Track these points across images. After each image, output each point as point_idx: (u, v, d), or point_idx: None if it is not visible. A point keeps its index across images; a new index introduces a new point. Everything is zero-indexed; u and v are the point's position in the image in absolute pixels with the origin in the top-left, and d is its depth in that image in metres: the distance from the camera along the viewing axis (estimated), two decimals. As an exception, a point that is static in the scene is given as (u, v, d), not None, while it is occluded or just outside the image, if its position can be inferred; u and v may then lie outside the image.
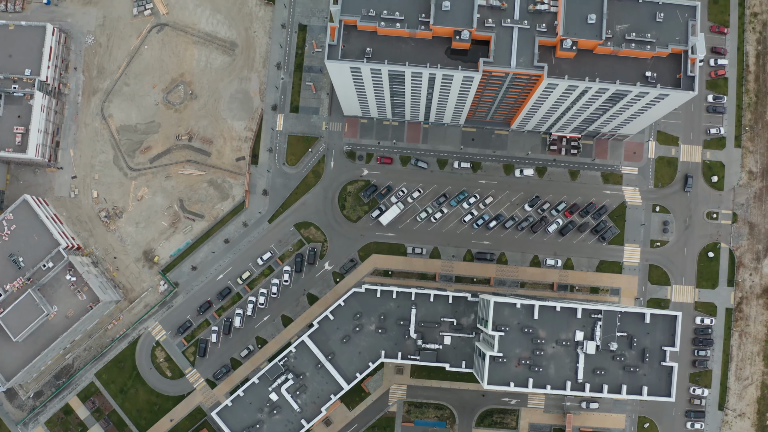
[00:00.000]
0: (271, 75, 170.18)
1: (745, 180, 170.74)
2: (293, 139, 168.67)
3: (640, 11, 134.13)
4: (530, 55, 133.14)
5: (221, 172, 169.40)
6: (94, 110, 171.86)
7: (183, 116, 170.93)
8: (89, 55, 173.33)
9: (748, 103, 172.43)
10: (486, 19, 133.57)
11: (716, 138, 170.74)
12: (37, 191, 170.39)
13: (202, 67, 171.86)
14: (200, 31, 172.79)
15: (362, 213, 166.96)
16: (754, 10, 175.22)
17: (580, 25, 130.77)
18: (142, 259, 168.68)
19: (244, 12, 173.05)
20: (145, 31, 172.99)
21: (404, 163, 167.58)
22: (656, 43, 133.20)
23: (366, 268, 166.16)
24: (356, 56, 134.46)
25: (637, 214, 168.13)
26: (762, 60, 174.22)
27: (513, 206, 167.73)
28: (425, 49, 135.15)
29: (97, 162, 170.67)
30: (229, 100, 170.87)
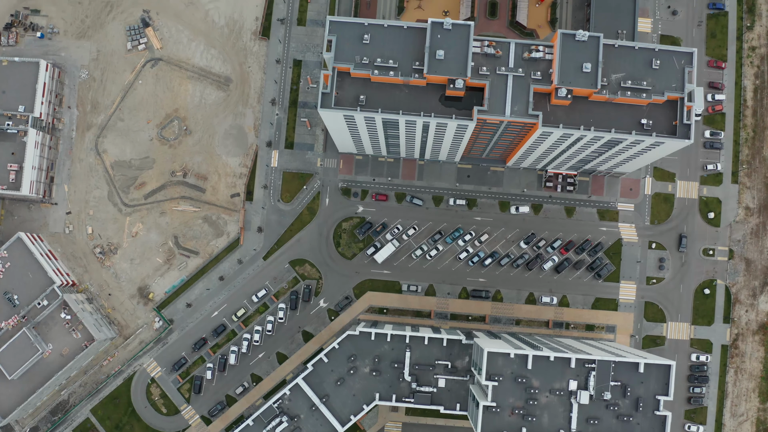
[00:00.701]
0: (266, 111, 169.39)
1: (742, 216, 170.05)
2: (288, 176, 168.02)
3: (635, 58, 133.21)
4: (525, 103, 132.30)
5: (216, 208, 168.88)
6: (88, 145, 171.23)
7: (177, 152, 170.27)
8: (83, 90, 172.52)
9: (745, 138, 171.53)
10: (480, 66, 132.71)
11: (713, 174, 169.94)
12: (31, 227, 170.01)
13: (196, 102, 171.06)
14: (194, 66, 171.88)
15: (357, 250, 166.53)
16: (752, 44, 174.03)
17: (575, 73, 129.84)
18: (137, 296, 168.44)
19: (239, 47, 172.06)
20: (139, 65, 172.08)
21: (399, 200, 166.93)
22: (652, 91, 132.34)
23: (361, 306, 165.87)
24: (349, 104, 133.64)
25: (633, 251, 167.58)
26: (760, 94, 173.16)
27: (508, 243, 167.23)
28: (419, 96, 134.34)
29: (91, 198, 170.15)
30: (224, 135, 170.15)
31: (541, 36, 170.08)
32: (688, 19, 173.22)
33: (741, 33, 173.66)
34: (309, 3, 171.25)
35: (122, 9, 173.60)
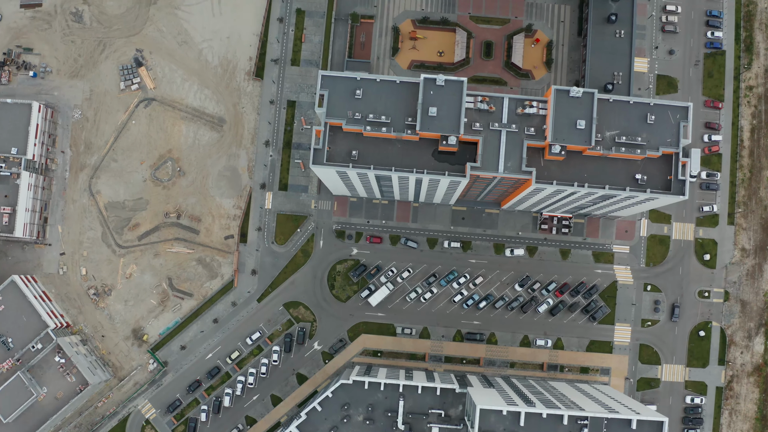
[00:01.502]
0: (260, 152, 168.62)
1: (738, 257, 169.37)
2: (282, 218, 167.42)
3: (630, 113, 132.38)
4: (518, 159, 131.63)
5: (210, 250, 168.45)
6: (81, 186, 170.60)
7: (171, 193, 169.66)
8: (76, 130, 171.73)
9: (742, 179, 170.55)
10: (474, 122, 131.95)
11: (709, 215, 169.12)
12: (25, 267, 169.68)
13: (190, 143, 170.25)
14: (188, 107, 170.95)
15: (351, 293, 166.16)
16: (750, 84, 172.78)
17: (569, 130, 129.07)
18: (132, 337, 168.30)
19: (232, 87, 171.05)
20: (132, 105, 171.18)
21: (394, 243, 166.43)
22: (647, 146, 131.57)
23: (355, 348, 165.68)
24: (342, 159, 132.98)
25: (628, 294, 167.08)
26: (757, 134, 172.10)
27: (503, 286, 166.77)
28: (412, 151, 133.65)
29: (85, 239, 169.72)
30: (218, 177, 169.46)
31: (536, 77, 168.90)
32: (685, 59, 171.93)
33: (738, 72, 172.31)
34: (303, 43, 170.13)
35: (115, 48, 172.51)
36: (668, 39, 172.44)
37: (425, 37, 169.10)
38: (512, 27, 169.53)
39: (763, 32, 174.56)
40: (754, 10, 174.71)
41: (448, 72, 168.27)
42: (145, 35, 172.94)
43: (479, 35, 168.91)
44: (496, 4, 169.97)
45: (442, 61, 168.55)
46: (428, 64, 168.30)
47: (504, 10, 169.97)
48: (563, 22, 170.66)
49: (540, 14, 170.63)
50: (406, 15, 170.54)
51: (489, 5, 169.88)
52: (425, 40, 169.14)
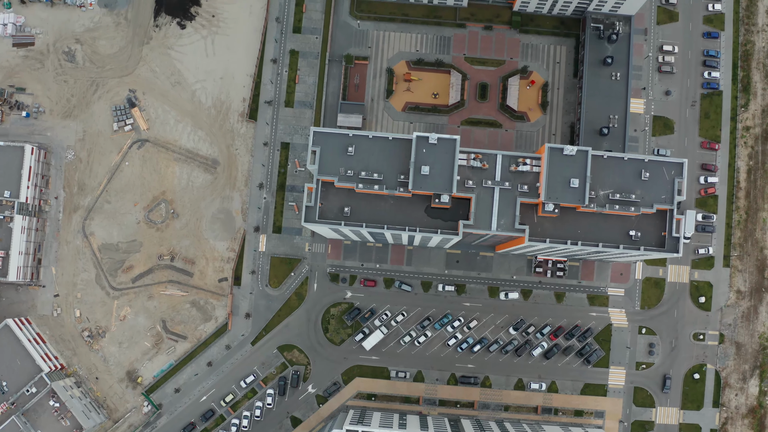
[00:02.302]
0: (254, 195, 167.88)
1: (733, 300, 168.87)
2: (276, 261, 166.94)
3: (624, 169, 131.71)
4: (512, 216, 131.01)
5: (204, 293, 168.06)
6: (75, 228, 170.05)
7: (165, 235, 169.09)
8: (70, 171, 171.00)
9: (738, 221, 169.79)
10: (467, 179, 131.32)
11: (705, 258, 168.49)
12: (19, 309, 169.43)
13: (183, 185, 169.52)
14: (181, 148, 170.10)
15: (346, 336, 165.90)
16: (747, 124, 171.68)
17: (562, 188, 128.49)
18: (126, 380, 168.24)
19: (226, 129, 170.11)
20: (125, 146, 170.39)
21: (388, 286, 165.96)
22: (641, 203, 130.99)
23: (349, 392, 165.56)
24: (334, 215, 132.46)
25: (622, 336, 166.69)
26: (753, 175, 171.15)
27: (497, 329, 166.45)
28: (405, 207, 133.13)
29: (79, 280, 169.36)
30: (211, 219, 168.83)
31: (531, 119, 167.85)
32: (682, 100, 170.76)
33: (735, 113, 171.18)
34: (297, 84, 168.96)
35: (108, 88, 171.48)
36: (665, 79, 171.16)
37: (420, 78, 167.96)
38: (507, 68, 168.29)
39: (760, 72, 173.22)
40: (752, 49, 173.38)
41: (442, 114, 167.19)
42: (138, 75, 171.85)
43: (474, 77, 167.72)
44: (492, 46, 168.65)
45: (437, 103, 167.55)
46: (423, 106, 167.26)
47: (499, 51, 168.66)
48: (559, 63, 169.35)
49: (535, 55, 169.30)
50: (401, 56, 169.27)
51: (484, 46, 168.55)
52: (420, 82, 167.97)
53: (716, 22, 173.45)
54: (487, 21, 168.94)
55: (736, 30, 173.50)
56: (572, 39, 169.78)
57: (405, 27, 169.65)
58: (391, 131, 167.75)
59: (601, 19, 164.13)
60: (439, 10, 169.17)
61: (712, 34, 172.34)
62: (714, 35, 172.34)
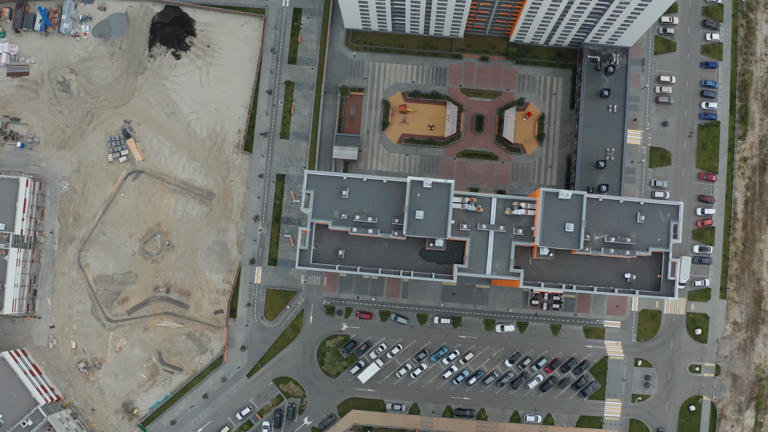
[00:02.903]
0: (249, 226, 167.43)
1: (730, 331, 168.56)
2: (271, 293, 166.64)
3: (620, 213, 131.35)
4: (506, 259, 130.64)
5: (199, 325, 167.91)
6: (70, 259, 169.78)
7: (160, 267, 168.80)
8: (65, 202, 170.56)
9: (735, 252, 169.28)
10: (461, 222, 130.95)
11: (701, 290, 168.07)
12: (15, 340, 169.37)
13: (179, 216, 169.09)
14: (177, 179, 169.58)
15: (341, 368, 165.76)
16: (744, 155, 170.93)
17: (557, 233, 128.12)
18: (122, 411, 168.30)
19: (221, 160, 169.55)
20: (120, 178, 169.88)
21: (384, 318, 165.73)
22: (636, 247, 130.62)
23: (345, 424, 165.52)
24: (328, 258, 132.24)
25: (618, 369, 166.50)
26: (751, 206, 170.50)
27: (493, 362, 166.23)
28: (399, 249, 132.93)
29: (74, 312, 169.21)
30: (207, 251, 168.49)
31: (528, 151, 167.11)
32: (679, 130, 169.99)
33: (733, 144, 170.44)
34: (292, 115, 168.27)
35: (103, 119, 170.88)
36: (662, 110, 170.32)
37: (416, 110, 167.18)
38: (504, 99, 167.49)
39: (758, 102, 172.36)
40: (750, 79, 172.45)
41: (438, 146, 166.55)
42: (133, 106, 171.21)
43: (470, 108, 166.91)
44: (488, 77, 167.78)
45: (433, 135, 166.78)
46: (418, 138, 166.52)
47: (495, 83, 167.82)
48: (555, 94, 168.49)
49: (532, 86, 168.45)
50: (397, 87, 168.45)
51: (480, 77, 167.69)
52: (416, 114, 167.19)
53: (714, 52, 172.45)
54: (483, 52, 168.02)
55: (734, 60, 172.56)
56: (569, 70, 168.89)
57: (401, 58, 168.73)
58: (387, 163, 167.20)
59: (598, 50, 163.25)
60: (435, 41, 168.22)
61: (710, 64, 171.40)
62: (712, 65, 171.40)
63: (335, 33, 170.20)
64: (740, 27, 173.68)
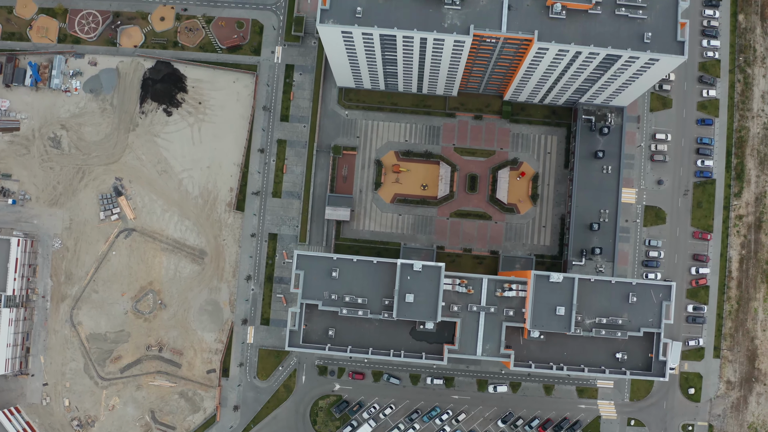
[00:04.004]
0: (241, 286, 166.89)
1: (723, 390, 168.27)
2: (264, 353, 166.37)
3: (612, 293, 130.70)
4: (497, 341, 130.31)
5: (192, 384, 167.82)
6: (63, 317, 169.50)
7: (153, 326, 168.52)
8: (57, 260, 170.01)
9: (729, 311, 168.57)
10: (452, 303, 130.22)
11: (695, 349, 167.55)
12: (8, 397, 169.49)
13: (171, 275, 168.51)
14: (168, 238, 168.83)
15: (334, 428, 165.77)
16: (740, 212, 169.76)
17: (548, 316, 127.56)
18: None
19: (213, 219, 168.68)
20: (112, 236, 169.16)
21: (376, 379, 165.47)
22: (628, 327, 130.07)
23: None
24: (318, 337, 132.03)
25: (611, 429, 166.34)
26: (745, 264, 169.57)
27: (486, 422, 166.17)
28: (389, 329, 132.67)
29: (67, 370, 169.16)
30: (199, 311, 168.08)
31: (521, 211, 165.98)
32: (674, 189, 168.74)
33: (728, 202, 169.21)
34: (284, 174, 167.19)
35: (94, 176, 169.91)
36: (657, 168, 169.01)
37: (408, 170, 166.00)
38: (498, 159, 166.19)
39: (754, 158, 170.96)
40: (746, 135, 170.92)
41: (431, 206, 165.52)
42: (125, 163, 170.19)
43: (463, 168, 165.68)
44: (481, 135, 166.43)
45: (426, 194, 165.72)
46: (411, 198, 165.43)
47: (489, 141, 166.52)
48: (550, 153, 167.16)
49: (526, 145, 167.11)
50: (390, 146, 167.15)
51: (474, 136, 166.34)
52: (409, 173, 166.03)
53: (710, 109, 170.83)
54: (477, 110, 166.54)
55: (730, 116, 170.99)
56: (563, 128, 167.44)
57: (394, 116, 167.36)
58: (380, 223, 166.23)
59: (593, 110, 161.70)
60: (429, 100, 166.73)
61: (706, 121, 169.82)
62: (708, 122, 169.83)
63: (328, 90, 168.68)
64: (737, 82, 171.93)
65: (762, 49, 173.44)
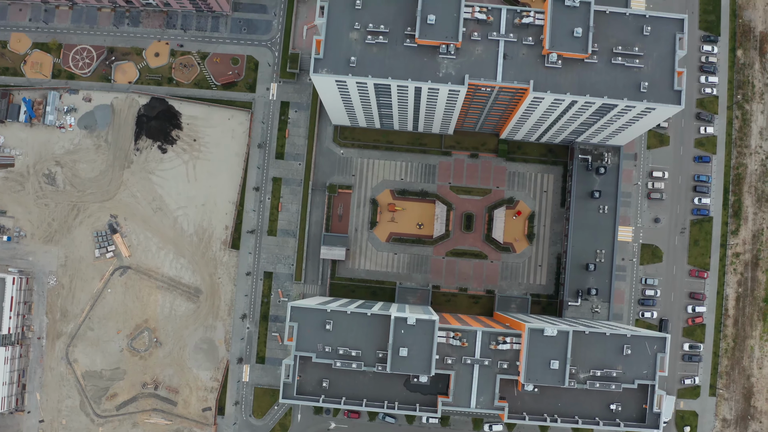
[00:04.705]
0: (237, 325, 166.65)
1: (719, 428, 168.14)
2: (259, 391, 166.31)
3: (606, 345, 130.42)
4: (491, 393, 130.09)
5: (188, 422, 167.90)
6: (58, 354, 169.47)
7: (148, 363, 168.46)
8: (52, 297, 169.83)
9: (725, 349, 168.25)
10: (446, 356, 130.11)
11: (690, 387, 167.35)
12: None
13: (166, 313, 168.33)
14: (164, 276, 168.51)
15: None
16: (737, 250, 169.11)
17: (542, 370, 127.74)
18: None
19: (208, 257, 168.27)
20: (107, 273, 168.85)
21: (372, 418, 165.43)
22: (622, 380, 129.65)
23: None
24: (312, 389, 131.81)
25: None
26: (742, 302, 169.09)
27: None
28: (384, 380, 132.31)
29: (63, 407, 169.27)
30: (194, 349, 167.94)
31: (517, 250, 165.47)
32: (671, 227, 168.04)
33: (725, 240, 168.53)
34: (280, 212, 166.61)
35: (89, 213, 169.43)
36: (654, 206, 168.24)
37: (404, 209, 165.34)
38: (494, 197, 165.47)
39: (752, 195, 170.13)
40: (744, 172, 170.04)
41: (427, 245, 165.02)
42: (120, 200, 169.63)
43: (459, 206, 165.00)
44: (477, 174, 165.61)
45: (422, 234, 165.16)
46: (407, 237, 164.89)
47: (485, 180, 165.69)
48: (546, 192, 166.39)
49: (522, 184, 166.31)
50: (385, 185, 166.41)
51: (470, 174, 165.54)
52: (404, 212, 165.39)
53: (708, 146, 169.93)
54: (473, 149, 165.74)
55: (728, 153, 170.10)
56: (560, 167, 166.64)
57: (389, 155, 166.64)
58: (375, 262, 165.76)
59: (590, 150, 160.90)
60: (424, 138, 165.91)
61: (704, 159, 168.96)
62: (705, 159, 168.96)
63: (323, 128, 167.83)
64: (735, 119, 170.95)
65: (760, 84, 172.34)
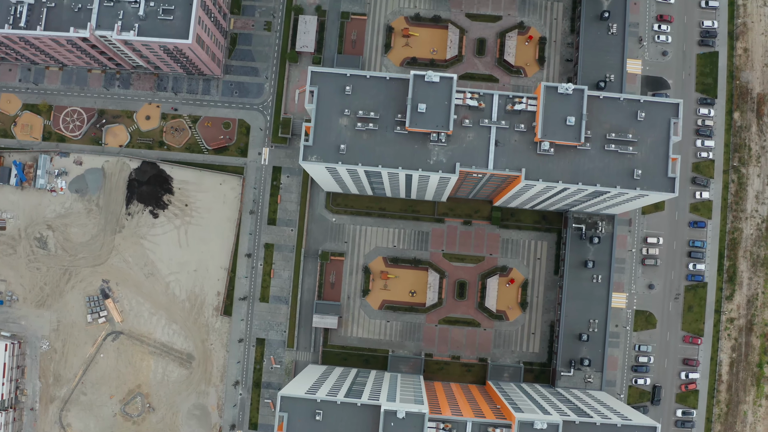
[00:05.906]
0: (229, 391, 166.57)
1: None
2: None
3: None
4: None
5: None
6: (52, 418, 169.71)
7: (141, 429, 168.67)
8: (45, 361, 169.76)
9: (718, 414, 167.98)
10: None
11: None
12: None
13: (159, 379, 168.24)
14: (156, 341, 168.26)
15: None
16: (731, 316, 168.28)
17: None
18: None
19: (200, 323, 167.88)
20: (100, 338, 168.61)
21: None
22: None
23: None
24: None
25: None
26: (736, 368, 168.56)
27: None
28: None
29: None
30: (187, 415, 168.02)
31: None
32: (665, 293, 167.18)
33: (720, 306, 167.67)
34: (272, 278, 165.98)
35: (81, 278, 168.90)
36: (648, 272, 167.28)
37: (397, 276, 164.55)
38: (487, 264, 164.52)
39: (747, 260, 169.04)
40: (739, 237, 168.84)
41: (420, 313, 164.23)
42: (111, 265, 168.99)
43: (452, 274, 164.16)
44: (470, 241, 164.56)
45: (414, 301, 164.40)
46: (399, 305, 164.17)
47: (478, 247, 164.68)
48: (539, 259, 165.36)
49: (515, 251, 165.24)
50: (378, 252, 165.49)
51: (463, 242, 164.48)
52: (397, 279, 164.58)
53: (703, 211, 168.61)
54: (466, 216, 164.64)
55: (723, 217, 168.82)
56: (554, 234, 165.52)
57: (382, 222, 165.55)
58: (368, 330, 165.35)
59: (584, 218, 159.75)
60: (417, 205, 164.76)
61: (699, 224, 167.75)
62: (701, 224, 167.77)
63: (315, 194, 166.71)
64: (731, 183, 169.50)
65: (757, 147, 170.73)
